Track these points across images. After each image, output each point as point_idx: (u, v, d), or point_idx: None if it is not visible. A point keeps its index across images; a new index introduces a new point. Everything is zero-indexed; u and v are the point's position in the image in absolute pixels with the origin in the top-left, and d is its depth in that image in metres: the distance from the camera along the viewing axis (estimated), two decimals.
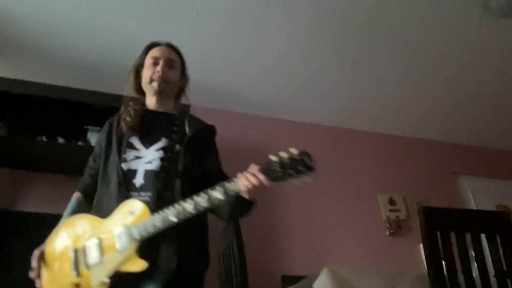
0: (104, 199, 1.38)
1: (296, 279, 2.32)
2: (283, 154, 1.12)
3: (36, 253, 1.33)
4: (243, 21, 2.58)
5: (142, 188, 1.34)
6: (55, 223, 1.42)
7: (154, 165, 1.37)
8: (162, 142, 1.43)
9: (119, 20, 2.52)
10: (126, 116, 1.48)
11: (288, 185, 1.14)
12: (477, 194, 3.68)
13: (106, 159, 1.44)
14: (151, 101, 1.56)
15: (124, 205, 1.28)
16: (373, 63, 2.96)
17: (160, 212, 1.21)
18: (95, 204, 1.42)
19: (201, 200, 1.20)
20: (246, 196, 1.23)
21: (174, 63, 1.59)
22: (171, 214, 1.20)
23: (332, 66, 2.97)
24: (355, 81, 3.13)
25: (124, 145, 1.43)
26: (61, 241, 1.34)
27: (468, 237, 1.79)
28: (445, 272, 1.67)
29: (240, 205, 1.29)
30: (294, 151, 1.12)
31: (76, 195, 1.51)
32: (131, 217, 1.24)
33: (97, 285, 1.21)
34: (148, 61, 1.58)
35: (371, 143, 3.65)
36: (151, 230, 1.20)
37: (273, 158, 1.13)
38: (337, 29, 2.66)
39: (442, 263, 1.69)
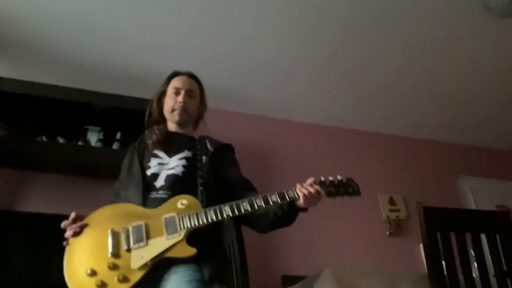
0: (122, 201, 1.44)
1: (296, 279, 2.32)
2: (331, 178, 1.39)
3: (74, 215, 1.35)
4: (243, 21, 2.57)
5: (161, 188, 1.42)
6: (55, 223, 1.40)
7: (177, 170, 1.46)
8: (185, 153, 1.53)
9: (118, 20, 2.52)
10: (153, 134, 1.60)
11: (334, 201, 1.39)
12: (477, 194, 3.68)
13: (130, 171, 1.54)
14: (172, 126, 1.68)
15: (174, 198, 1.35)
16: (373, 63, 2.96)
17: (216, 206, 1.32)
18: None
19: (257, 200, 1.33)
20: (302, 203, 1.35)
21: (194, 93, 1.69)
22: (226, 210, 1.31)
23: (332, 66, 2.97)
24: (355, 81, 3.13)
25: (148, 156, 1.54)
26: (100, 221, 1.34)
27: (468, 237, 1.79)
28: (445, 272, 1.67)
29: (290, 212, 1.40)
30: (340, 176, 1.40)
31: None
32: (182, 207, 1.32)
33: (137, 267, 1.21)
34: (170, 90, 1.68)
35: (371, 143, 3.65)
36: (205, 221, 1.29)
37: (323, 178, 1.38)
38: (337, 29, 2.66)
39: (442, 263, 1.69)
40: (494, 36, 2.74)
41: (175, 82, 1.68)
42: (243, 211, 1.31)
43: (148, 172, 1.47)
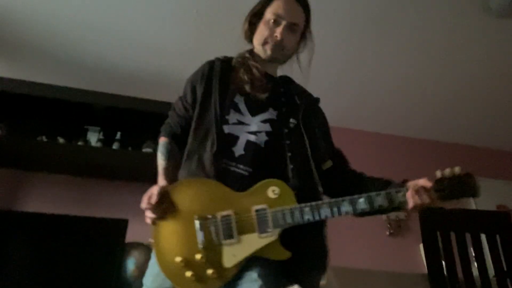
0: (195, 158, 1.20)
1: None
2: (448, 173, 1.11)
3: (161, 189, 1.12)
4: (243, 21, 2.57)
5: (240, 160, 1.17)
6: (55, 223, 1.39)
7: (259, 138, 1.20)
8: (269, 114, 1.25)
9: (118, 20, 2.52)
10: (246, 73, 1.29)
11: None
12: None
13: (203, 112, 1.25)
14: (257, 58, 1.37)
15: (264, 183, 1.13)
16: (373, 63, 2.96)
17: (313, 203, 1.11)
18: (185, 160, 1.23)
19: (360, 201, 1.12)
20: (409, 208, 1.12)
21: (297, 28, 1.35)
22: (324, 211, 1.11)
23: (332, 65, 2.97)
24: (355, 81, 3.13)
25: (227, 104, 1.24)
26: (185, 204, 1.14)
27: (468, 237, 1.79)
28: (445, 272, 1.67)
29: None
30: (458, 170, 1.11)
31: (165, 139, 1.30)
32: (274, 197, 1.11)
33: (231, 265, 1.08)
34: (269, 15, 1.33)
35: (371, 143, 3.65)
36: (300, 221, 1.10)
37: (439, 174, 1.11)
38: (337, 29, 2.65)
39: (442, 263, 1.69)
40: (494, 36, 2.73)
41: (277, 7, 1.32)
42: (344, 213, 1.11)
43: (226, 129, 1.19)
